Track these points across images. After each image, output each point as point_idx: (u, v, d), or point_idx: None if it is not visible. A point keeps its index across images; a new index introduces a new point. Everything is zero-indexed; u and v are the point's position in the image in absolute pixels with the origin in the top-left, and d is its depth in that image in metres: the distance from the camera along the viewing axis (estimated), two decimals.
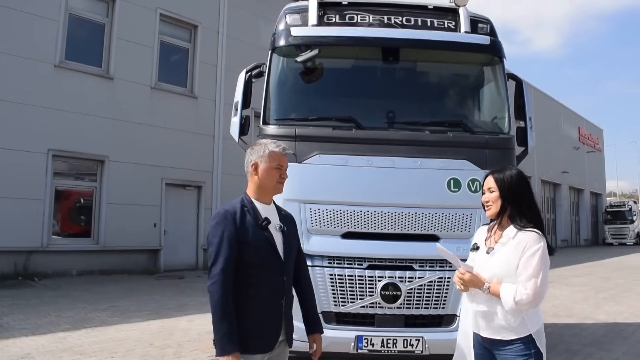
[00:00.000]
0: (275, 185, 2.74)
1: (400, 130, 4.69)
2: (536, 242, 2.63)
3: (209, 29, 16.59)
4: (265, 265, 2.62)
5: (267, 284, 2.62)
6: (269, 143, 2.75)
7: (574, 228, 39.44)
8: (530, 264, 2.59)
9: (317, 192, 4.47)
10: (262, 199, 2.73)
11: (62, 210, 13.51)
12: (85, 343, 6.24)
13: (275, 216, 2.76)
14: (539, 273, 2.58)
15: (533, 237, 2.65)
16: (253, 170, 2.71)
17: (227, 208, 2.63)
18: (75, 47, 13.57)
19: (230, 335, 2.43)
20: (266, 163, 2.69)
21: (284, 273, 2.71)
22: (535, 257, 2.60)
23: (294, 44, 4.81)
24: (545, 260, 2.62)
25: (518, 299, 2.55)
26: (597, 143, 45.37)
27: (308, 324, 2.91)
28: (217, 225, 2.55)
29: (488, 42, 4.87)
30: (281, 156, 2.74)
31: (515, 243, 2.68)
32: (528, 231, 2.67)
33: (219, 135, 16.42)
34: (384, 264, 4.38)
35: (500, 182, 2.78)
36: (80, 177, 14.13)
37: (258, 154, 2.71)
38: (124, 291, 10.66)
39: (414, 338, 4.29)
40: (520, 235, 2.68)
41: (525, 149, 5.14)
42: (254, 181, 2.72)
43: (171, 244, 14.97)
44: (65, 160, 13.52)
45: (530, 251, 2.61)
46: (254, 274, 2.58)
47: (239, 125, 5.09)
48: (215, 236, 2.53)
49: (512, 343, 2.67)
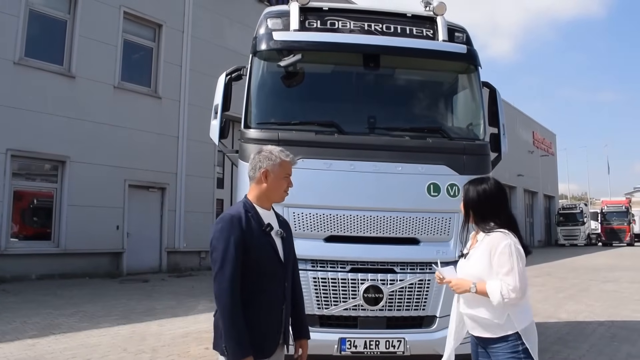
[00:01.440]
0: (282, 194, 2.76)
1: (382, 136, 4.79)
2: (502, 240, 2.79)
3: (174, 28, 16.38)
4: (269, 272, 2.63)
5: (269, 290, 2.62)
6: (279, 151, 2.73)
7: (528, 229, 40.58)
8: (503, 261, 2.74)
9: (301, 196, 4.47)
10: (263, 205, 2.73)
11: (21, 212, 13.09)
12: (56, 350, 6.08)
13: (275, 222, 2.77)
14: (514, 266, 2.72)
15: (498, 236, 2.82)
16: (263, 177, 2.68)
17: (232, 213, 2.60)
18: (35, 44, 13.19)
19: (242, 340, 2.44)
20: (278, 172, 2.69)
21: (286, 279, 2.73)
22: (505, 253, 2.75)
23: (276, 48, 4.83)
24: (516, 254, 2.75)
25: (505, 294, 2.68)
26: (550, 147, 46.90)
27: (296, 329, 2.90)
28: (222, 230, 2.52)
29: (465, 51, 5.02)
30: (290, 165, 2.76)
31: (484, 245, 2.84)
32: (493, 232, 2.85)
33: (183, 136, 16.25)
34: (367, 267, 4.45)
35: (465, 193, 3.05)
36: (40, 178, 13.73)
37: (269, 162, 2.68)
38: (88, 295, 10.41)
39: (395, 339, 4.38)
40: (487, 238, 2.85)
41: (498, 155, 5.32)
42: (261, 188, 2.70)
43: (134, 246, 14.69)
44: (25, 161, 13.13)
45: (499, 249, 2.76)
46: (258, 280, 2.57)
47: (219, 128, 5.05)
48: (221, 241, 2.50)
49: (501, 340, 2.79)
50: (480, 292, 2.78)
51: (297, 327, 2.90)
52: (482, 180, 3.06)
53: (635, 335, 7.57)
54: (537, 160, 42.52)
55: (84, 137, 13.69)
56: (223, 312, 2.46)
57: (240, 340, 2.44)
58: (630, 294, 12.20)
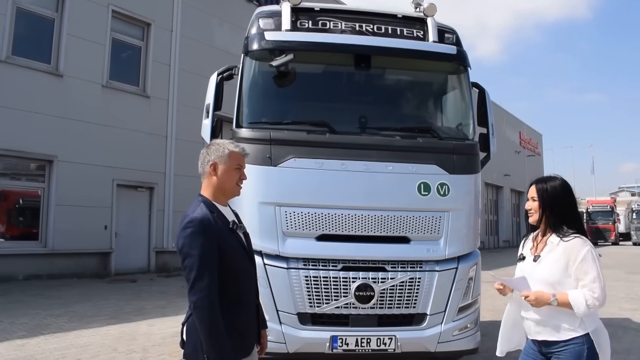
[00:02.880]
0: (235, 187, 2.64)
1: (373, 135, 4.83)
2: (583, 247, 2.72)
3: (163, 27, 16.30)
4: (243, 271, 2.59)
5: (244, 288, 2.59)
6: (228, 143, 2.64)
7: (514, 229, 40.91)
8: (586, 268, 2.68)
9: (293, 195, 4.54)
10: (220, 201, 2.61)
11: (7, 212, 13.00)
12: (46, 350, 6.06)
13: (232, 217, 2.67)
14: (599, 274, 2.67)
15: (578, 242, 2.74)
16: (212, 170, 2.57)
17: (200, 215, 2.44)
18: (23, 42, 13.09)
19: (224, 348, 2.35)
20: (226, 164, 2.58)
21: (254, 274, 2.71)
22: (587, 260, 2.69)
23: (268, 48, 4.85)
24: (598, 261, 2.70)
25: (590, 303, 2.62)
26: (537, 147, 47.29)
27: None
28: (194, 235, 2.38)
29: (455, 52, 5.08)
30: (241, 157, 2.65)
31: (562, 250, 2.77)
32: (572, 238, 2.76)
33: (172, 135, 16.18)
34: (358, 265, 4.50)
35: (542, 192, 2.90)
36: (27, 178, 13.63)
37: (217, 154, 2.58)
38: (77, 296, 10.35)
39: (386, 337, 4.43)
40: (564, 243, 2.77)
41: (487, 155, 5.38)
42: (212, 182, 2.59)
43: (122, 246, 14.59)
44: (12, 160, 13.02)
45: (581, 256, 2.70)
46: (234, 281, 2.50)
47: (211, 127, 5.05)
48: (195, 248, 2.36)
49: (569, 343, 2.71)
50: (562, 304, 2.68)
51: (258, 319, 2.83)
52: (555, 178, 2.96)
53: (620, 331, 7.71)
54: (524, 160, 42.85)
55: (71, 137, 13.58)
56: (203, 323, 2.34)
57: (222, 349, 2.34)
58: (616, 292, 12.32)
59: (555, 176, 3.02)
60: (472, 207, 4.87)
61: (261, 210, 4.47)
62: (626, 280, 14.90)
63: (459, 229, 4.73)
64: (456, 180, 4.74)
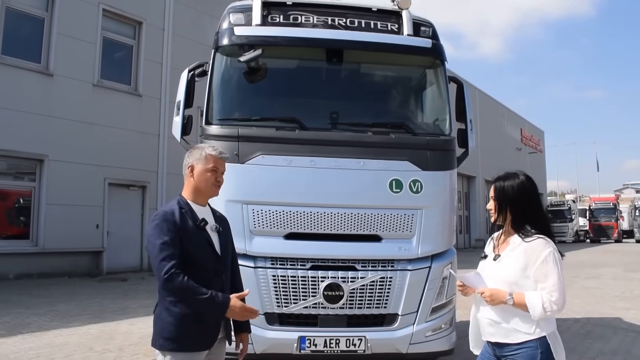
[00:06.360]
0: (211, 188, 2.80)
1: (344, 132, 4.72)
2: (545, 248, 2.62)
3: (154, 25, 16.22)
4: (206, 265, 2.66)
5: (207, 283, 2.60)
6: (207, 147, 2.83)
7: None
8: (546, 271, 2.58)
9: (260, 192, 4.45)
10: (197, 201, 2.79)
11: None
12: (21, 349, 6.00)
13: (210, 217, 2.83)
14: (559, 277, 2.57)
15: (540, 243, 2.64)
16: (190, 172, 2.78)
17: (166, 210, 2.67)
18: (13, 41, 13.01)
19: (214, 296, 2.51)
20: (202, 165, 2.76)
21: (223, 272, 2.77)
22: (548, 262, 2.58)
23: (238, 43, 4.77)
24: (559, 264, 2.60)
25: (548, 307, 2.52)
26: (539, 144, 47.05)
27: (237, 323, 2.89)
28: (157, 227, 2.57)
29: (430, 45, 4.96)
30: (217, 159, 2.80)
31: (522, 250, 2.66)
32: (534, 239, 2.66)
33: (164, 134, 16.06)
34: (327, 264, 4.40)
35: (499, 191, 2.80)
36: (18, 177, 13.58)
37: (195, 157, 2.78)
38: (64, 295, 10.29)
39: (356, 338, 4.33)
40: (526, 244, 2.67)
41: (465, 150, 5.26)
42: (190, 183, 2.79)
43: (114, 245, 14.54)
44: (2, 159, 12.96)
45: (541, 258, 2.59)
46: (195, 274, 2.56)
47: (181, 125, 4.97)
48: (159, 237, 2.54)
49: (522, 346, 2.62)
50: (518, 305, 2.59)
51: (237, 321, 2.88)
52: (515, 176, 2.81)
53: (609, 332, 7.59)
54: (526, 158, 42.63)
55: (62, 136, 13.52)
56: (184, 290, 2.48)
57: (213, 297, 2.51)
58: (611, 291, 12.24)
59: (515, 173, 2.86)
60: (446, 204, 4.77)
61: (228, 208, 4.34)
62: (623, 279, 14.76)
63: (433, 226, 4.62)
64: (430, 177, 4.63)
